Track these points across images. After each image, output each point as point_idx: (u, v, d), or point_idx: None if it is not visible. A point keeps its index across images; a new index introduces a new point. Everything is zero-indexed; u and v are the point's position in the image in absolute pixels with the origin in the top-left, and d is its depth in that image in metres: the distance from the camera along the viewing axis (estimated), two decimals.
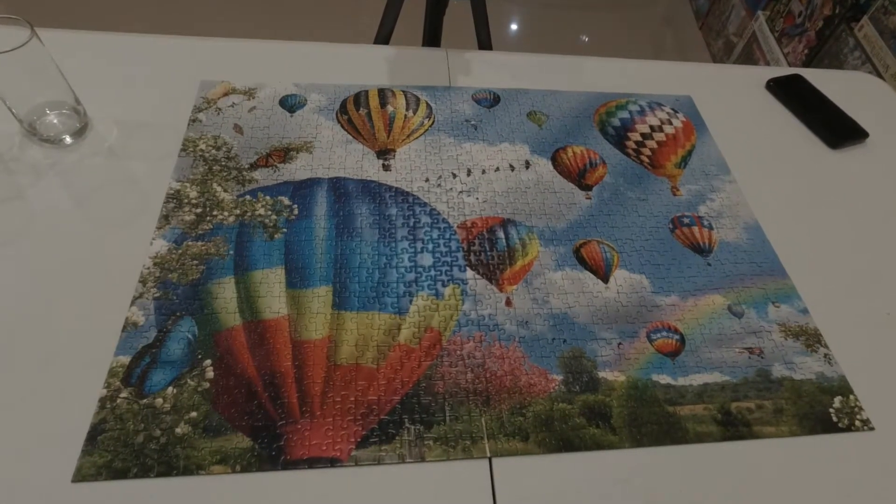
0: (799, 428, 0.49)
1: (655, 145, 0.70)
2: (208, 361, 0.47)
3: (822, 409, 0.50)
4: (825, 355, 0.54)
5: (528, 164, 0.66)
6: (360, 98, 0.70)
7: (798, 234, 0.64)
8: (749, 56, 1.89)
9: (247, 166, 0.61)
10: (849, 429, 0.49)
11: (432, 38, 0.88)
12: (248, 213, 0.57)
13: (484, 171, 0.64)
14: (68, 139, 0.60)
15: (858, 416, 0.50)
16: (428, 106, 0.70)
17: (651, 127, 0.72)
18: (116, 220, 0.55)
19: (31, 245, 0.52)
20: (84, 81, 0.62)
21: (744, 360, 0.53)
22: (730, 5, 2.03)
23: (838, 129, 0.75)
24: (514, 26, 2.19)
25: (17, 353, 0.46)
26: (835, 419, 0.50)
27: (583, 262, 0.58)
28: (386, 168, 0.63)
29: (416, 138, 0.67)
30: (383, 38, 0.87)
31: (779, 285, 0.59)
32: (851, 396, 0.51)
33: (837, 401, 0.51)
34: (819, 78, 0.82)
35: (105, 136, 0.62)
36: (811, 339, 0.55)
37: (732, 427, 0.48)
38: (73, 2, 1.87)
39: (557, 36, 2.15)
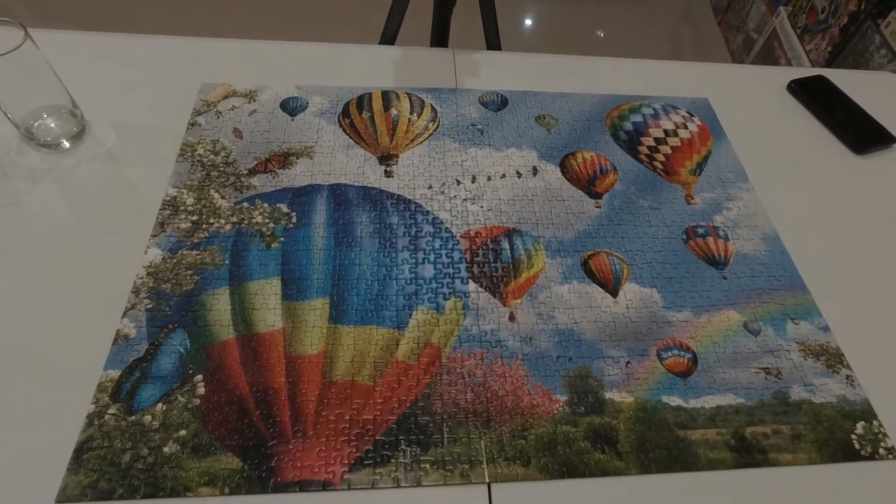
0: (818, 455, 0.46)
1: (669, 151, 0.67)
2: (199, 377, 0.46)
3: (844, 436, 0.47)
4: (847, 377, 0.51)
5: (535, 171, 0.63)
6: (363, 101, 0.68)
7: (820, 245, 0.61)
8: (769, 53, 1.83)
9: (245, 172, 0.59)
10: (872, 457, 0.46)
11: (440, 37, 0.86)
12: (245, 221, 0.55)
13: (489, 178, 0.62)
14: (66, 143, 0.59)
15: (882, 444, 0.47)
16: (433, 109, 0.68)
17: (665, 131, 0.69)
18: (112, 228, 0.54)
19: (24, 253, 0.51)
20: (81, 84, 0.61)
21: (760, 381, 0.50)
22: (750, 0, 1.97)
23: (864, 134, 0.71)
24: (524, 24, 2.15)
25: (2, 365, 0.45)
26: (857, 446, 0.47)
27: (591, 275, 0.55)
28: (388, 174, 0.61)
29: (420, 143, 0.65)
30: (389, 37, 0.85)
31: (798, 301, 0.56)
32: (875, 422, 0.48)
33: (860, 426, 0.48)
34: (844, 79, 0.78)
35: (103, 140, 0.61)
36: (832, 359, 0.52)
37: (747, 454, 0.46)
38: (71, 1, 1.85)
39: (570, 34, 2.11)
